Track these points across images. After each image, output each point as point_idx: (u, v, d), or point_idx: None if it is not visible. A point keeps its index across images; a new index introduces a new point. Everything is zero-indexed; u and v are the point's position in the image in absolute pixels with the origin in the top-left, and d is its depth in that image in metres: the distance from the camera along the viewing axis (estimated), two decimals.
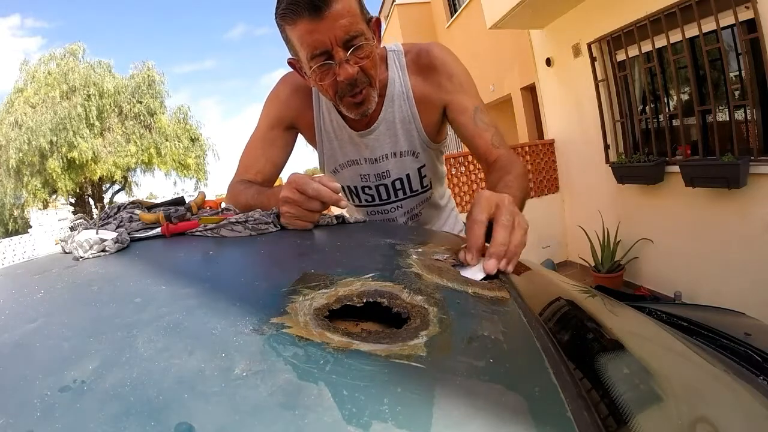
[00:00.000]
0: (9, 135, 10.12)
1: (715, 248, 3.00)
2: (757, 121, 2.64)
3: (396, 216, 1.03)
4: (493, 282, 0.42)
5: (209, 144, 12.90)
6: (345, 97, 0.76)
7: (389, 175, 0.96)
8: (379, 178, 0.96)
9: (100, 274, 0.46)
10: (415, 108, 0.88)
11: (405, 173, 0.97)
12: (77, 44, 11.18)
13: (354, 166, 0.96)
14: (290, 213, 0.61)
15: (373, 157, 0.93)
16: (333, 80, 0.73)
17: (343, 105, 0.78)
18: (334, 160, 0.96)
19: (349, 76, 0.71)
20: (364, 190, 0.99)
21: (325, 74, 0.72)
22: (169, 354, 0.27)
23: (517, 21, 4.00)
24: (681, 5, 2.78)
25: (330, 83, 0.73)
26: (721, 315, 1.01)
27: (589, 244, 3.91)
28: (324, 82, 0.74)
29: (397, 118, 0.89)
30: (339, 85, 0.73)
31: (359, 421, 0.20)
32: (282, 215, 0.62)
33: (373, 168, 0.95)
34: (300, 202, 0.60)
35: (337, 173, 0.97)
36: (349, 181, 0.99)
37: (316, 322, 0.30)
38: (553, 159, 4.60)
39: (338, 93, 0.75)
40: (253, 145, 0.92)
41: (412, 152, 0.94)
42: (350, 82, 0.73)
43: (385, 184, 0.98)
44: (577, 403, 0.24)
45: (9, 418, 0.21)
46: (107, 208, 0.72)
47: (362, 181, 0.98)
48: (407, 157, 0.94)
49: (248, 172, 0.90)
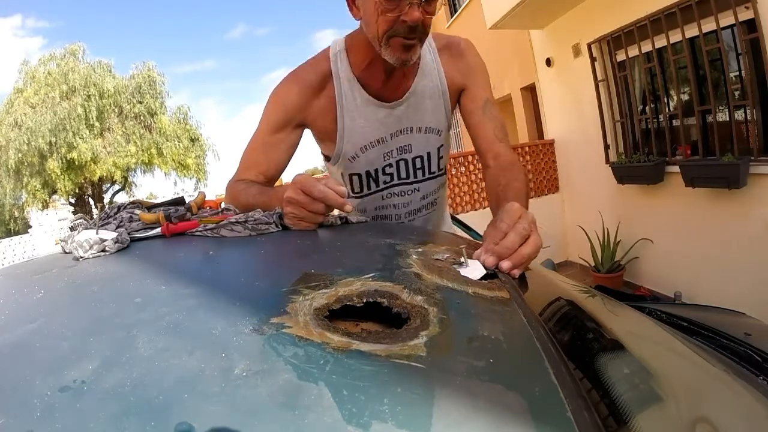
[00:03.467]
0: (9, 135, 10.11)
1: (715, 248, 3.00)
2: (757, 121, 2.64)
3: (412, 200, 1.01)
4: (493, 282, 0.42)
5: (209, 144, 12.91)
6: (396, 37, 0.76)
7: (410, 150, 0.96)
8: (401, 152, 0.96)
9: (100, 274, 0.46)
10: (446, 84, 0.92)
11: (426, 151, 0.97)
12: (77, 44, 11.17)
13: (378, 146, 0.93)
14: (294, 214, 0.61)
15: (398, 128, 0.93)
16: (395, 17, 0.73)
17: (389, 45, 0.77)
18: (357, 143, 0.92)
19: (415, 20, 0.72)
20: (384, 169, 0.97)
21: (390, 8, 0.73)
22: (170, 354, 0.27)
23: (517, 21, 4.00)
24: (681, 5, 2.78)
25: (389, 19, 0.74)
26: (721, 315, 1.01)
27: (589, 244, 3.91)
28: (384, 15, 0.74)
29: (427, 92, 0.91)
30: (397, 25, 0.74)
31: (359, 421, 0.20)
32: (285, 216, 0.62)
33: (397, 141, 0.94)
34: (305, 203, 0.60)
35: (358, 158, 0.94)
36: (368, 165, 0.96)
37: (316, 322, 0.30)
38: (553, 159, 4.60)
39: (389, 31, 0.75)
40: (255, 147, 0.90)
41: (437, 130, 0.96)
42: (412, 26, 0.73)
43: (405, 160, 0.97)
44: (577, 403, 0.24)
45: (9, 418, 0.21)
46: (107, 208, 0.72)
47: (384, 160, 0.96)
48: (431, 135, 0.95)
49: (249, 172, 0.89)
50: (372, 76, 0.86)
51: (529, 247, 0.49)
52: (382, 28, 0.75)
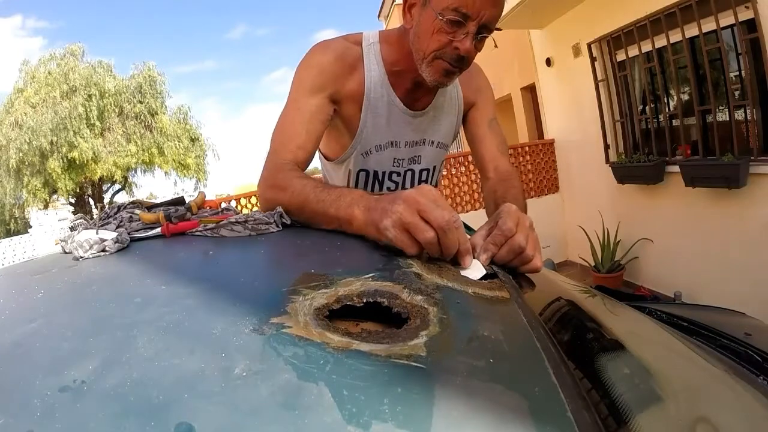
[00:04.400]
0: (9, 135, 10.11)
1: (715, 248, 3.00)
2: (757, 121, 2.64)
3: None
4: (493, 282, 0.42)
5: (209, 144, 12.92)
6: (441, 60, 0.75)
7: (420, 161, 0.97)
8: (411, 162, 0.96)
9: (100, 274, 0.46)
10: (462, 102, 0.95)
11: (433, 165, 0.99)
12: (77, 45, 11.19)
13: (392, 148, 0.92)
14: (396, 236, 0.47)
15: (414, 140, 0.93)
16: (447, 42, 0.73)
17: (432, 65, 0.77)
18: (374, 140, 0.90)
19: (467, 50, 0.72)
20: (391, 176, 0.96)
21: (448, 31, 0.72)
22: (170, 354, 0.27)
23: (517, 21, 4.00)
24: (681, 5, 2.78)
25: (442, 41, 0.73)
26: (721, 315, 1.01)
27: (589, 244, 3.91)
28: (438, 35, 0.73)
29: (445, 107, 0.93)
30: (448, 48, 0.73)
31: (359, 421, 0.20)
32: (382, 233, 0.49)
33: (410, 152, 0.94)
34: (416, 228, 0.45)
35: (369, 156, 0.92)
36: (378, 165, 0.94)
37: (316, 322, 0.30)
38: (553, 159, 4.60)
39: (438, 52, 0.75)
40: (290, 117, 0.80)
41: (445, 145, 0.98)
42: (461, 55, 0.74)
43: (413, 170, 0.98)
44: (577, 403, 0.24)
45: (9, 418, 0.21)
46: (107, 208, 0.72)
47: (393, 166, 0.95)
48: (439, 149, 0.97)
49: (288, 147, 0.78)
50: (398, 82, 0.86)
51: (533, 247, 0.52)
52: (432, 46, 0.75)
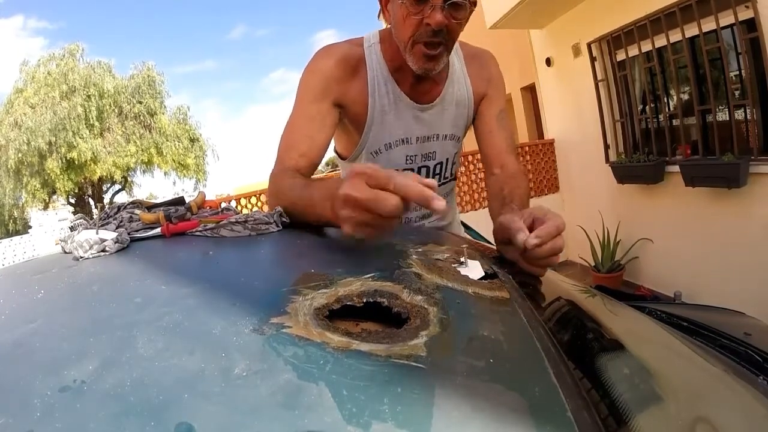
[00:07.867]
0: (8, 135, 10.11)
1: (715, 248, 3.00)
2: (757, 121, 2.64)
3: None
4: (493, 282, 0.42)
5: (209, 144, 12.91)
6: (419, 44, 0.75)
7: (434, 157, 0.95)
8: (425, 159, 0.94)
9: (100, 274, 0.46)
10: (472, 93, 0.93)
11: (445, 158, 0.97)
12: (76, 45, 11.18)
13: (403, 145, 0.91)
14: (354, 218, 0.44)
15: (425, 135, 0.91)
16: (419, 20, 0.72)
17: (412, 52, 0.76)
18: (382, 139, 0.89)
19: (437, 23, 0.71)
20: None
21: (415, 10, 0.72)
22: (170, 354, 0.27)
23: (517, 21, 4.00)
24: (681, 5, 2.78)
25: (414, 22, 0.73)
26: (721, 315, 1.01)
27: (589, 244, 3.91)
28: (409, 19, 0.73)
29: (454, 100, 0.91)
30: (421, 28, 0.73)
31: (359, 421, 0.20)
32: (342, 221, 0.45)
33: (422, 148, 0.93)
34: (370, 201, 0.42)
35: (379, 155, 0.90)
36: (389, 164, 0.92)
37: (316, 322, 0.30)
38: (553, 159, 4.60)
39: (415, 36, 0.74)
40: (295, 124, 0.82)
41: (457, 137, 0.96)
42: (435, 30, 0.72)
43: (428, 166, 0.96)
44: (577, 403, 0.24)
45: (9, 418, 0.21)
46: (107, 208, 0.72)
47: (406, 163, 0.93)
48: (451, 141, 0.95)
49: (290, 154, 0.79)
50: (402, 77, 0.86)
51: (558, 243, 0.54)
52: (407, 33, 0.75)
